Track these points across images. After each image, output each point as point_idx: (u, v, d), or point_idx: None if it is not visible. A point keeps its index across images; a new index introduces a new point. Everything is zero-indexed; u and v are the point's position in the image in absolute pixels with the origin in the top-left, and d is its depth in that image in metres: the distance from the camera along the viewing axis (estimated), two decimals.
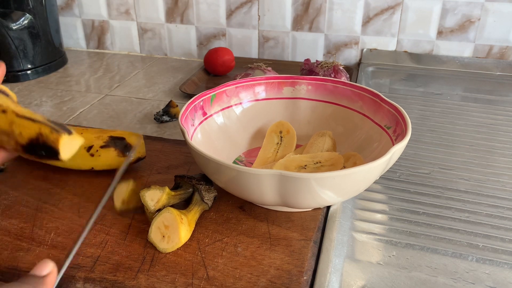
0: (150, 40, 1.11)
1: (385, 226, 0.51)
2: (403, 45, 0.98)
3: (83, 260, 0.44)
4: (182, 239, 0.45)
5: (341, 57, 1.02)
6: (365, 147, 0.57)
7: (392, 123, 0.54)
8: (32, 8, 0.94)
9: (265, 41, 1.04)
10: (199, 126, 0.57)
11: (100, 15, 1.11)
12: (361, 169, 0.42)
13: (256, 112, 0.64)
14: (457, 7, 0.92)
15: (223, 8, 1.03)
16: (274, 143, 0.60)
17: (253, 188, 0.44)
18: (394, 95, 0.86)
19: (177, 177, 0.51)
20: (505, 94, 0.87)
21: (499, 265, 0.45)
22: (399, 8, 0.94)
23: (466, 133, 0.71)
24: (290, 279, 0.42)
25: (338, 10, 0.97)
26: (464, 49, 0.96)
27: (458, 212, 0.53)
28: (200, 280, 0.41)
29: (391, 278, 0.44)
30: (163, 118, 0.75)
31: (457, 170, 0.61)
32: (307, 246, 0.46)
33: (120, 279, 0.42)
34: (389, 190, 0.57)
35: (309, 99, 0.64)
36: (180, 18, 1.07)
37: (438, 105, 0.81)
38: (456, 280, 0.43)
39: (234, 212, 0.51)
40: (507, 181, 0.59)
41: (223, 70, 0.94)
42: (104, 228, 0.48)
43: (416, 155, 0.65)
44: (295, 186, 0.42)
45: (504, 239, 0.49)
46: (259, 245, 0.46)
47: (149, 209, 0.47)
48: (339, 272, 0.44)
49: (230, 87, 0.62)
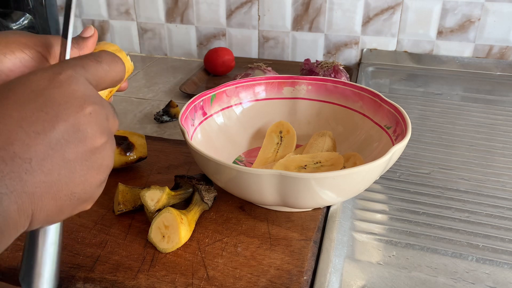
0: (150, 40, 1.11)
1: (385, 226, 0.51)
2: (403, 45, 0.98)
3: (83, 260, 0.44)
4: (182, 239, 0.45)
5: (341, 57, 1.02)
6: (365, 147, 0.57)
7: (392, 123, 0.54)
8: (32, 8, 0.93)
9: (265, 41, 1.04)
10: (199, 126, 0.57)
11: (100, 15, 1.11)
12: (361, 169, 0.42)
13: (256, 112, 0.64)
14: (457, 7, 0.92)
15: (223, 8, 1.03)
16: (274, 143, 0.60)
17: (253, 188, 0.44)
18: (394, 95, 0.86)
19: (177, 177, 0.51)
20: (505, 94, 0.87)
21: (499, 265, 0.45)
22: (399, 8, 0.94)
23: (466, 133, 0.71)
24: (290, 279, 0.42)
25: (338, 10, 0.97)
26: (464, 49, 0.96)
27: (458, 212, 0.53)
28: (200, 280, 0.41)
29: (391, 278, 0.44)
30: (163, 118, 0.75)
31: (457, 170, 0.61)
32: (307, 246, 0.46)
33: (120, 279, 0.42)
34: (389, 190, 0.57)
35: (309, 99, 0.64)
36: (180, 18, 1.07)
37: (438, 105, 0.81)
38: (456, 280, 0.43)
39: (234, 212, 0.51)
40: (507, 181, 0.59)
41: (223, 70, 0.94)
42: (104, 228, 0.48)
43: (416, 155, 0.65)
44: (295, 186, 0.42)
45: (504, 239, 0.49)
46: (259, 245, 0.46)
47: (149, 209, 0.47)
48: (339, 272, 0.44)
49: (230, 87, 0.62)
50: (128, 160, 0.57)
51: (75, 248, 0.45)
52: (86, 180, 0.27)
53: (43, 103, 0.25)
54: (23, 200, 0.24)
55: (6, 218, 0.23)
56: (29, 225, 0.25)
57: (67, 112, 0.26)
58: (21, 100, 0.25)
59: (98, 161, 0.28)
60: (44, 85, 0.26)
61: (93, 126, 0.27)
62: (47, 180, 0.25)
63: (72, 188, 0.27)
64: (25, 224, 0.25)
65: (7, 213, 0.23)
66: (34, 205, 0.25)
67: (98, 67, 0.30)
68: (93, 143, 0.27)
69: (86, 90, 0.27)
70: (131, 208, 0.50)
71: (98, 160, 0.28)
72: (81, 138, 0.26)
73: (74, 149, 0.26)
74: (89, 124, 0.27)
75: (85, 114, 0.27)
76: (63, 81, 0.26)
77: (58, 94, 0.26)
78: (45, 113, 0.25)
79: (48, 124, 0.25)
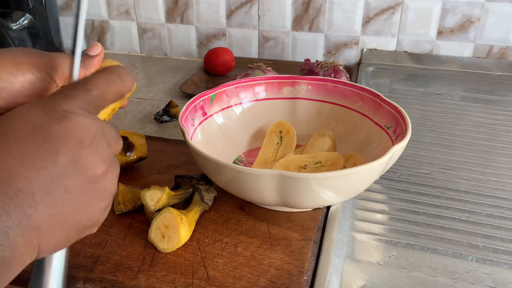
0: (150, 40, 1.11)
1: (385, 226, 0.51)
2: (403, 45, 0.98)
3: (83, 260, 0.44)
4: (182, 239, 0.45)
5: (341, 57, 1.02)
6: (365, 147, 0.57)
7: (392, 123, 0.54)
8: (32, 8, 0.93)
9: (265, 41, 1.04)
10: (199, 126, 0.57)
11: (100, 15, 1.11)
12: (361, 169, 0.42)
13: (256, 112, 0.64)
14: (457, 7, 0.92)
15: (223, 8, 1.03)
16: (274, 143, 0.60)
17: (253, 188, 0.44)
18: (394, 95, 0.86)
19: (177, 177, 0.51)
20: (505, 94, 0.87)
21: (499, 265, 0.45)
22: (399, 8, 0.94)
23: (466, 133, 0.71)
24: (290, 279, 0.42)
25: (338, 10, 0.97)
26: (464, 49, 0.96)
27: (458, 212, 0.53)
28: (200, 280, 0.41)
29: (391, 278, 0.44)
30: (163, 118, 0.75)
31: (457, 170, 0.61)
32: (307, 246, 0.46)
33: (120, 279, 0.42)
34: (389, 190, 0.57)
35: (309, 99, 0.64)
36: (180, 18, 1.07)
37: (438, 105, 0.81)
38: (456, 280, 0.43)
39: (234, 212, 0.51)
40: (507, 181, 0.58)
41: (223, 70, 0.94)
42: (104, 228, 0.48)
43: (416, 155, 0.65)
44: (295, 186, 0.42)
45: (504, 239, 0.49)
46: (259, 245, 0.46)
47: (149, 209, 0.47)
48: (339, 272, 0.44)
49: (230, 87, 0.62)
50: (128, 160, 0.57)
51: (75, 248, 0.45)
52: (90, 208, 0.28)
53: (42, 139, 0.26)
54: (29, 233, 0.25)
55: (14, 250, 0.24)
56: (36, 255, 0.26)
57: (66, 147, 0.26)
58: (21, 137, 0.26)
59: (100, 189, 0.28)
60: (43, 121, 0.26)
61: (93, 157, 0.27)
62: (51, 213, 0.26)
63: (77, 217, 0.27)
64: (32, 255, 0.26)
65: (14, 246, 0.24)
66: (40, 238, 0.25)
67: (90, 96, 0.30)
68: (94, 173, 0.28)
69: (84, 122, 0.28)
70: (131, 208, 0.50)
71: (100, 188, 0.28)
72: (82, 170, 0.27)
73: (75, 181, 0.27)
74: (89, 156, 0.27)
75: (84, 147, 0.27)
76: (61, 117, 0.27)
77: (56, 129, 0.26)
78: (45, 149, 0.26)
79: (49, 160, 0.26)
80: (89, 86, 0.30)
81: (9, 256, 0.24)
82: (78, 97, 0.29)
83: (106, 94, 0.31)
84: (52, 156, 0.26)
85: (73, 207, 0.27)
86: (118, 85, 0.32)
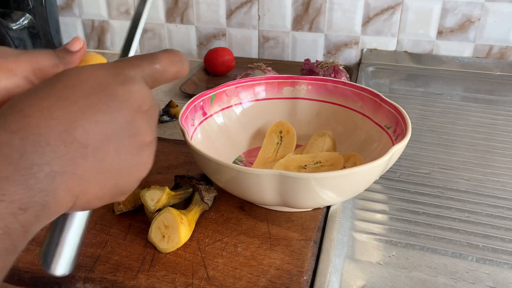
0: (150, 40, 1.11)
1: (385, 226, 0.51)
2: (403, 45, 0.98)
3: (83, 260, 0.44)
4: (182, 239, 0.45)
5: (341, 57, 1.02)
6: (365, 147, 0.57)
7: (392, 123, 0.54)
8: (32, 8, 0.93)
9: (265, 41, 1.04)
10: (199, 126, 0.57)
11: (100, 15, 1.11)
12: (361, 169, 0.42)
13: (256, 112, 0.64)
14: (457, 7, 0.92)
15: (223, 8, 1.03)
16: (274, 143, 0.60)
17: (253, 188, 0.44)
18: (394, 95, 0.86)
19: (177, 177, 0.51)
20: (505, 94, 0.87)
21: (499, 265, 0.45)
22: (399, 8, 0.94)
23: (466, 133, 0.71)
24: (290, 279, 0.42)
25: (338, 10, 0.97)
26: (464, 49, 0.96)
27: (458, 212, 0.53)
28: (200, 280, 0.41)
29: (391, 278, 0.44)
30: (163, 118, 0.75)
31: (457, 170, 0.61)
32: (307, 246, 0.46)
33: (120, 279, 0.42)
34: (389, 190, 0.57)
35: (309, 99, 0.64)
36: (180, 18, 1.07)
37: (438, 105, 0.81)
38: (456, 280, 0.43)
39: (234, 212, 0.51)
40: (507, 181, 0.59)
41: (223, 70, 0.94)
42: (104, 228, 0.48)
43: (416, 155, 0.65)
44: (295, 186, 0.42)
45: (504, 239, 0.49)
46: (259, 245, 0.46)
47: (149, 209, 0.47)
48: (339, 272, 0.44)
49: (230, 87, 0.62)
50: None
51: None
52: (131, 173, 0.29)
53: (107, 97, 0.27)
54: (73, 181, 0.25)
55: (55, 196, 0.25)
56: (71, 206, 0.27)
57: (127, 108, 0.28)
58: (87, 90, 0.27)
59: (145, 157, 0.30)
60: (109, 80, 0.28)
61: (145, 124, 0.29)
62: (97, 167, 0.27)
63: (118, 179, 0.28)
64: (68, 204, 0.26)
65: (57, 192, 0.25)
66: (80, 188, 0.26)
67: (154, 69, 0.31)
68: (143, 139, 0.29)
69: (143, 91, 0.29)
70: (131, 208, 0.50)
71: (144, 156, 0.30)
72: (135, 133, 0.29)
73: (127, 142, 0.28)
74: (143, 123, 0.29)
75: (141, 113, 0.29)
76: (126, 80, 0.29)
77: (121, 90, 0.28)
78: (107, 106, 0.27)
79: (109, 117, 0.27)
80: (155, 60, 0.32)
81: (51, 201, 0.24)
82: (142, 67, 0.31)
83: (167, 71, 0.32)
84: (112, 114, 0.27)
85: (118, 167, 0.28)
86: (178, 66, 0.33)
